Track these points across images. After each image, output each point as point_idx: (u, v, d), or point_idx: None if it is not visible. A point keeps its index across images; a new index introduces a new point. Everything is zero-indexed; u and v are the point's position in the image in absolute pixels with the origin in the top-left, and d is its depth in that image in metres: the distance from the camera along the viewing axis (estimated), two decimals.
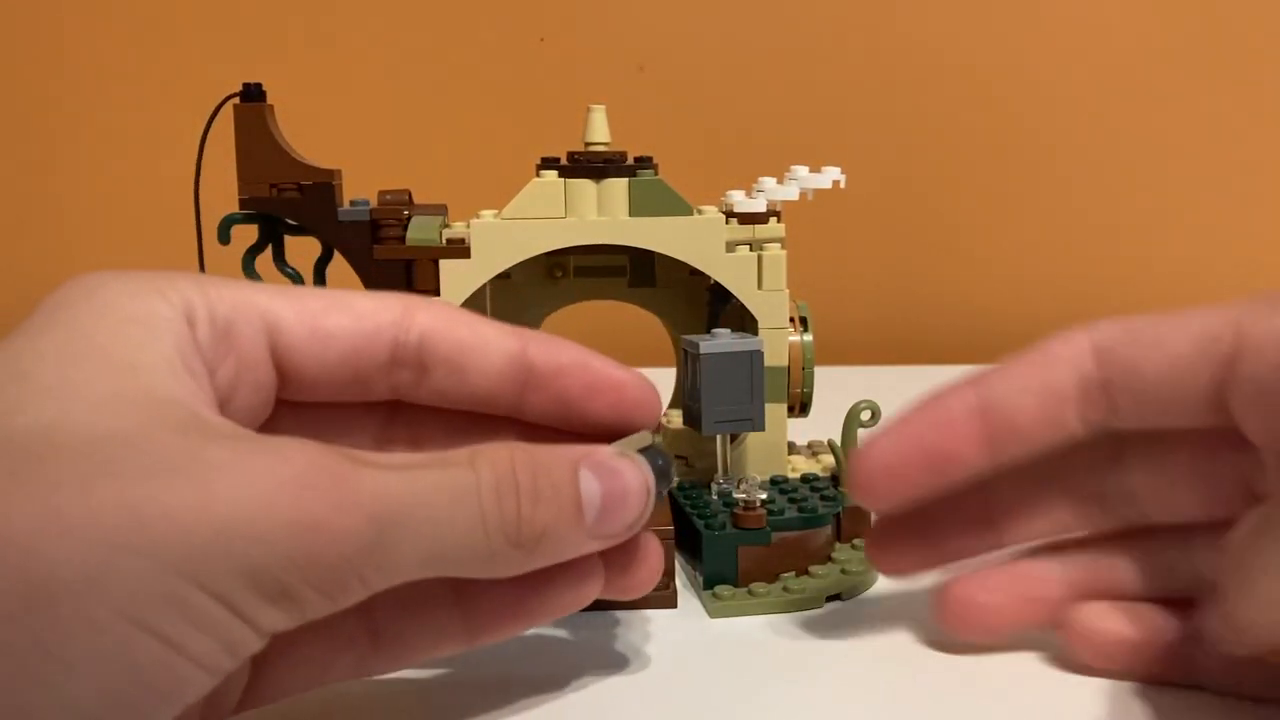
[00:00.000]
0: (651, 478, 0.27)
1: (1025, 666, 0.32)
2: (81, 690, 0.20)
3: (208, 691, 0.22)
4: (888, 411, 0.40)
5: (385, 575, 0.23)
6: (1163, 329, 0.29)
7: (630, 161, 0.40)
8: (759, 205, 0.41)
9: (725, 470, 0.40)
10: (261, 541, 0.21)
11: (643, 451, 0.27)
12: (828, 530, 0.39)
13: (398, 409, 0.29)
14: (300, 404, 0.28)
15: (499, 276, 0.40)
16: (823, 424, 0.43)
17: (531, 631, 0.34)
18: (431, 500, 0.23)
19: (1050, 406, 0.29)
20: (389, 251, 0.39)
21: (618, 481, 0.26)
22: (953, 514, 0.32)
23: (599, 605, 0.35)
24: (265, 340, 0.26)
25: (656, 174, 0.40)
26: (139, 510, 0.20)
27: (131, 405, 0.22)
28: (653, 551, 0.29)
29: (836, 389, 0.45)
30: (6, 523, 0.20)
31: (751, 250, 0.40)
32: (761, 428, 0.39)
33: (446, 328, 0.28)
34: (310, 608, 0.22)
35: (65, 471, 0.20)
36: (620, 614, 0.36)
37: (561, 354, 0.28)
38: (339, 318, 0.27)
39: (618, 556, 0.28)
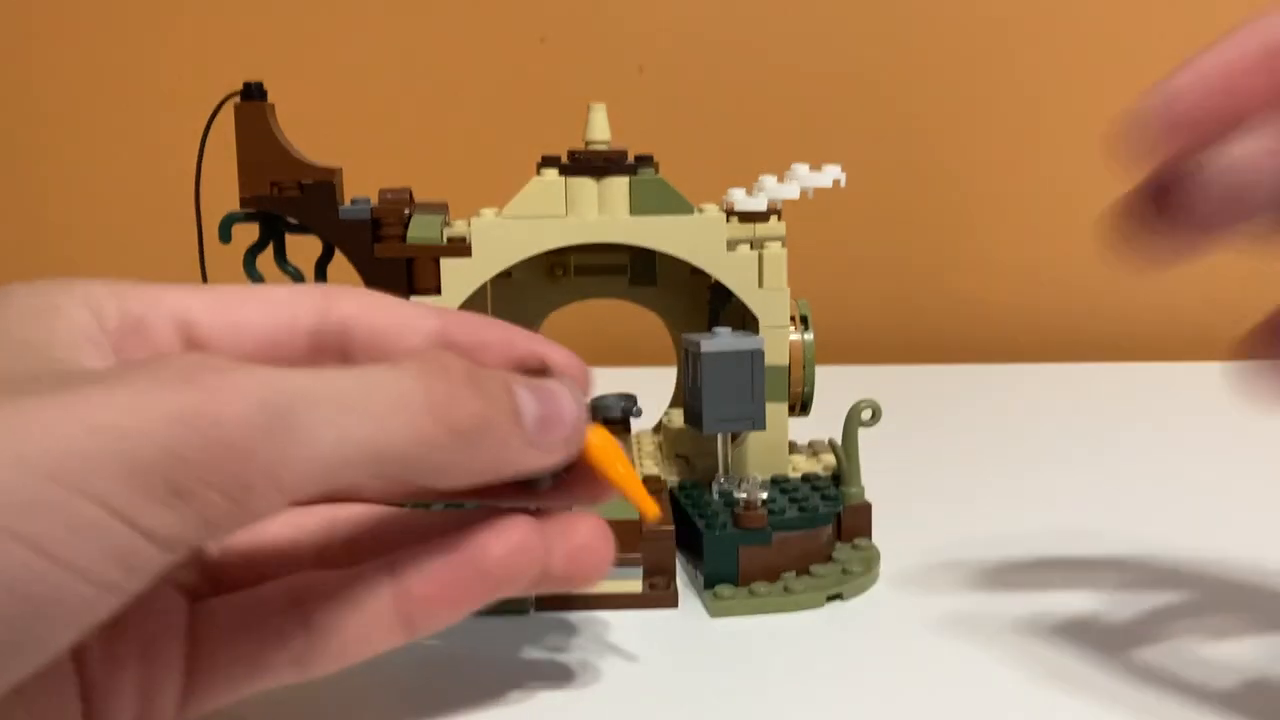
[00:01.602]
0: (585, 404, 0.27)
1: (1025, 666, 0.32)
2: None
3: (107, 614, 0.21)
4: (888, 412, 0.40)
5: (299, 471, 0.21)
6: None
7: (631, 160, 0.40)
8: (760, 204, 0.41)
9: (726, 470, 0.40)
10: (139, 436, 0.20)
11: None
12: (828, 530, 0.39)
13: None
14: None
15: (500, 275, 0.40)
16: (824, 423, 0.43)
17: (531, 631, 0.34)
18: (342, 388, 0.22)
19: None
20: (390, 250, 0.39)
21: (551, 398, 0.26)
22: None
23: (599, 605, 0.36)
24: (178, 334, 0.26)
25: (657, 173, 0.40)
26: (6, 421, 0.19)
27: (22, 363, 0.22)
28: (590, 531, 0.28)
29: (837, 388, 0.45)
30: None
31: (752, 249, 0.40)
32: (762, 427, 0.39)
33: (366, 313, 0.27)
34: (212, 510, 0.21)
35: None
36: (620, 614, 0.36)
37: (485, 330, 0.28)
38: (253, 308, 0.27)
39: (556, 531, 0.27)
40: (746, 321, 0.41)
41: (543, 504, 0.28)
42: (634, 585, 0.36)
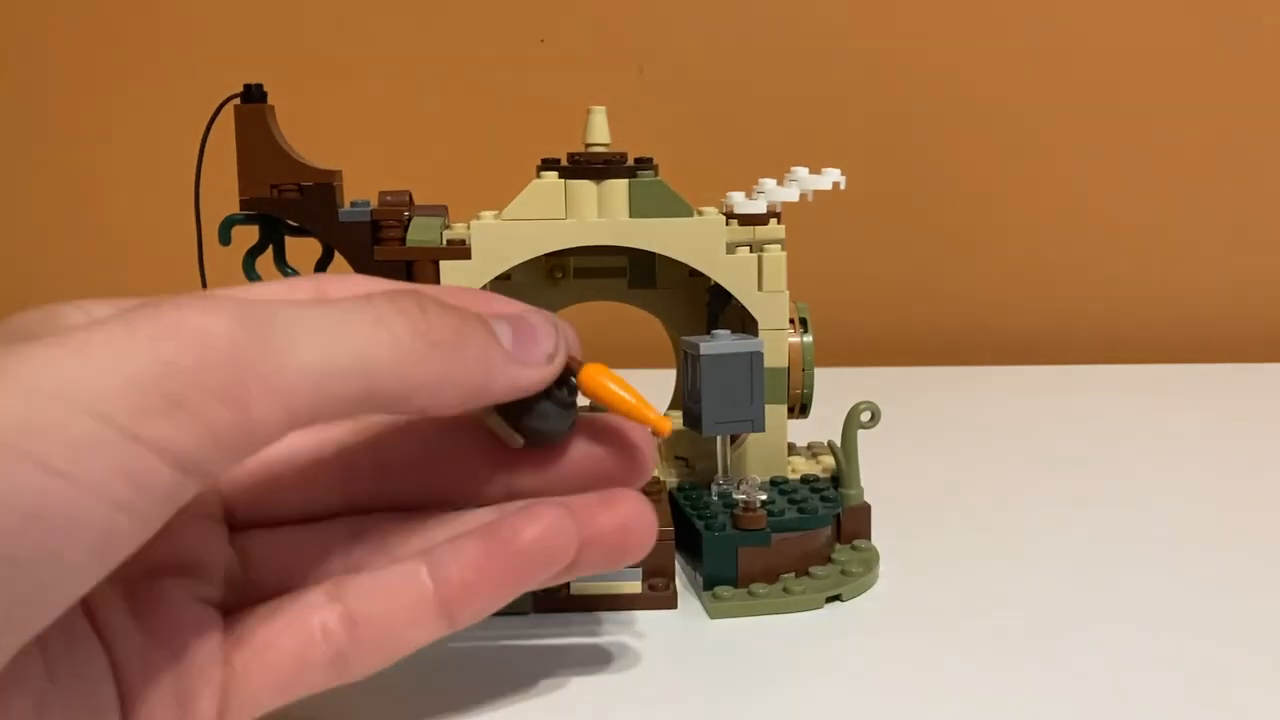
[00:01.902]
0: (565, 338, 0.27)
1: (1025, 666, 0.32)
2: None
3: (127, 542, 0.21)
4: (887, 413, 0.41)
5: (291, 377, 0.22)
6: None
7: (630, 162, 0.40)
8: (759, 206, 0.41)
9: (725, 471, 0.40)
10: (132, 352, 0.20)
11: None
12: (828, 531, 0.39)
13: None
14: None
15: (499, 277, 0.40)
16: (823, 425, 0.43)
17: (531, 630, 0.34)
18: (322, 311, 0.23)
19: None
20: (389, 252, 0.39)
21: (523, 321, 0.27)
22: None
23: (599, 606, 0.36)
24: None
25: (657, 175, 0.40)
26: (4, 360, 0.20)
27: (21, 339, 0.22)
28: (632, 502, 0.28)
29: (836, 390, 0.45)
30: None
31: (751, 251, 0.40)
32: (761, 429, 0.39)
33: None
34: (214, 418, 0.21)
35: None
36: (620, 614, 0.36)
37: (466, 297, 0.28)
38: None
39: (599, 506, 0.28)
40: (746, 324, 0.41)
41: (572, 473, 0.29)
42: (633, 586, 0.36)
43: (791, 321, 0.41)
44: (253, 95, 0.40)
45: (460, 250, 0.39)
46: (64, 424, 0.20)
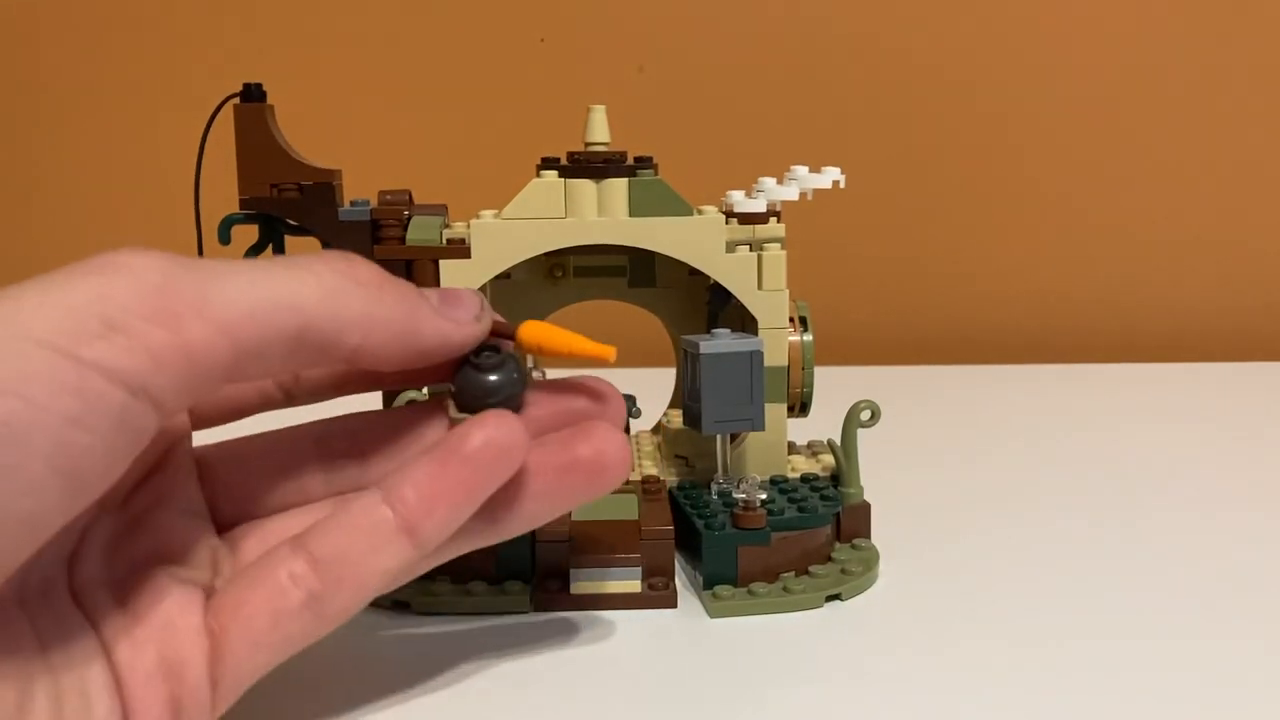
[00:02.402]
0: (485, 307, 0.29)
1: (1024, 666, 0.32)
2: None
3: (101, 465, 0.22)
4: (887, 412, 0.41)
5: (222, 302, 0.23)
6: None
7: (630, 161, 0.40)
8: (759, 205, 0.41)
9: (725, 470, 0.40)
10: (67, 287, 0.22)
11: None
12: (827, 530, 0.39)
13: None
14: None
15: (499, 276, 0.40)
16: (823, 424, 0.43)
17: (531, 631, 0.34)
18: (247, 262, 0.25)
19: None
20: (389, 251, 0.39)
21: (448, 289, 0.28)
22: None
23: (599, 605, 0.36)
24: None
25: (656, 174, 0.40)
26: None
27: None
28: (605, 432, 0.29)
29: (836, 389, 0.45)
30: None
31: (751, 250, 0.40)
32: (761, 428, 0.39)
33: None
34: (151, 340, 0.22)
35: None
36: (620, 614, 0.36)
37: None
38: None
39: (579, 438, 0.29)
40: (745, 323, 0.41)
41: (546, 430, 0.29)
42: (633, 585, 0.36)
43: (791, 320, 0.41)
44: (252, 95, 0.40)
45: (460, 249, 0.39)
46: (8, 351, 0.21)
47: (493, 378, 0.28)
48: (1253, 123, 0.79)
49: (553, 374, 0.35)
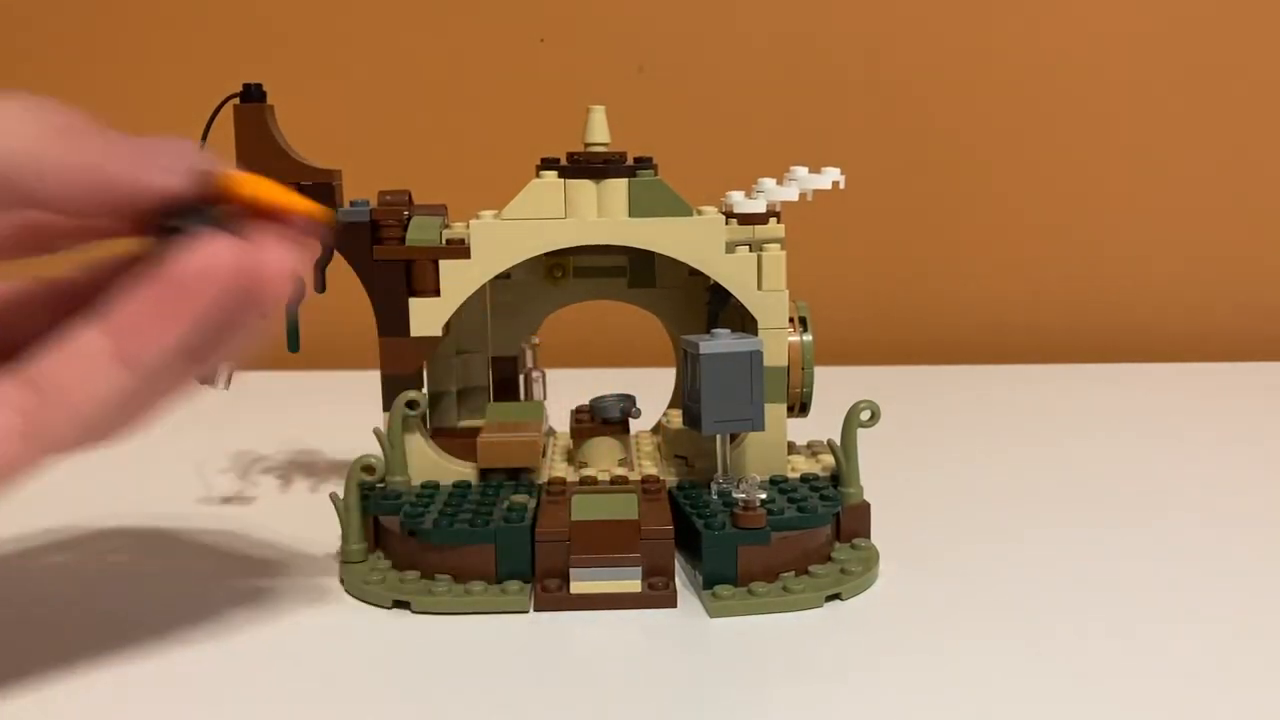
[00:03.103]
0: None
1: (1024, 665, 0.32)
2: None
3: None
4: (887, 412, 0.41)
5: None
6: None
7: (630, 162, 0.40)
8: (759, 206, 0.41)
9: (725, 470, 0.40)
10: None
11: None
12: (827, 530, 0.39)
13: None
14: None
15: (499, 277, 0.40)
16: (822, 424, 0.43)
17: (531, 631, 0.34)
18: None
19: None
20: (389, 252, 0.39)
21: (154, 140, 0.29)
22: None
23: (599, 605, 0.36)
24: None
25: (656, 174, 0.40)
26: None
27: None
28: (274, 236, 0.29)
29: (836, 389, 0.45)
30: None
31: (751, 251, 0.40)
32: (761, 428, 0.39)
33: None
34: None
35: None
36: (620, 614, 0.36)
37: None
38: None
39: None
40: (745, 323, 0.41)
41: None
42: (633, 585, 0.36)
43: (791, 321, 0.41)
44: (252, 95, 0.40)
45: (460, 249, 0.39)
46: None
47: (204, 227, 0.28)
48: (1253, 123, 0.79)
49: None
